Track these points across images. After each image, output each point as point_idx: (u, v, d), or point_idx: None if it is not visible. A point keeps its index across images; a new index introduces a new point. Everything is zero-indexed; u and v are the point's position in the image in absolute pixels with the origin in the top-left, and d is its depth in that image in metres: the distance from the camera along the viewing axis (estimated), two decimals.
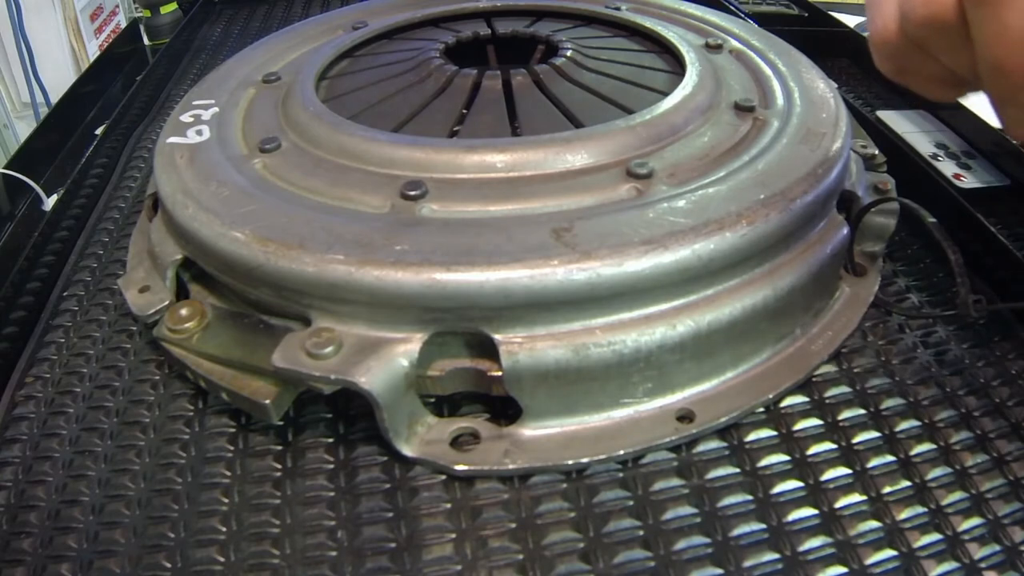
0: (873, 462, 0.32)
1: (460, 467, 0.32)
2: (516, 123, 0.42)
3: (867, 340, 0.38)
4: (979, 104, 0.56)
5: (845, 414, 0.35)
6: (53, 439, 0.35)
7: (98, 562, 0.30)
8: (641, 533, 0.30)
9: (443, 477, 0.32)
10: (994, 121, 0.54)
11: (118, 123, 0.63)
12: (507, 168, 0.36)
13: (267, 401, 0.32)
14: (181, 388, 0.38)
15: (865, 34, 0.35)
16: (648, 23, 0.52)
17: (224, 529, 0.31)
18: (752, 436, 0.34)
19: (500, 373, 0.31)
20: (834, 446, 0.33)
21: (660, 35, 0.50)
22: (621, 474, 0.32)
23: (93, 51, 1.54)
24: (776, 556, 0.29)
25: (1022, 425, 0.34)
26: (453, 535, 0.30)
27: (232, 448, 0.34)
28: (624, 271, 0.31)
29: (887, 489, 0.31)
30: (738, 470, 0.32)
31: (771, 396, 0.35)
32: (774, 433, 0.34)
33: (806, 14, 0.80)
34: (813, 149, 0.38)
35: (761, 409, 0.35)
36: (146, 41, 0.89)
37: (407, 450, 0.32)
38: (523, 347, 0.31)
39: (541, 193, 0.35)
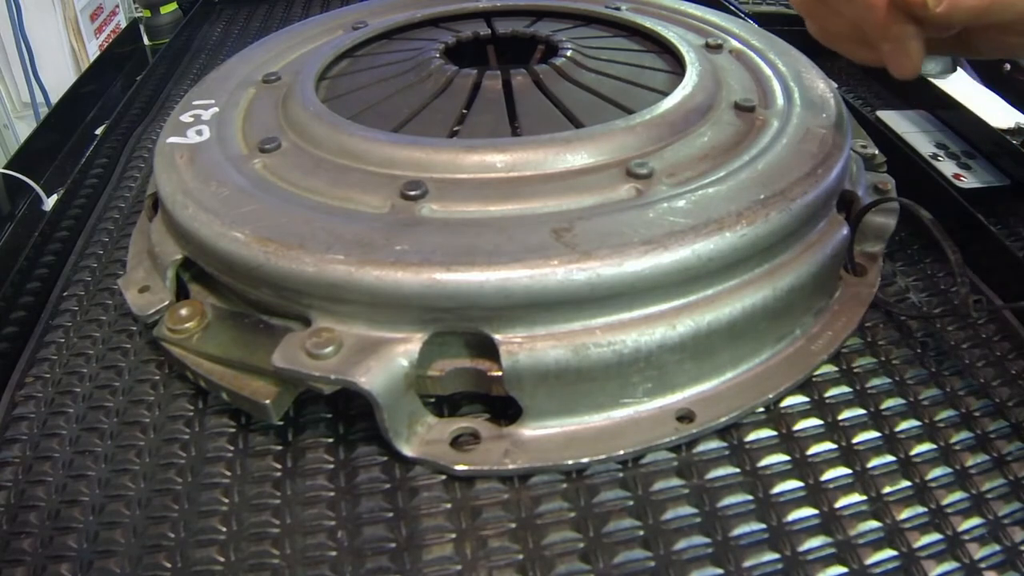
0: (873, 462, 0.32)
1: (460, 467, 0.32)
2: (516, 123, 0.42)
3: (867, 340, 0.38)
4: (979, 104, 0.56)
5: (845, 414, 0.35)
6: (53, 439, 0.35)
7: (98, 562, 0.30)
8: (641, 533, 0.30)
9: (443, 477, 0.32)
10: (994, 121, 0.54)
11: (118, 123, 0.63)
12: (507, 168, 0.36)
13: (267, 401, 0.32)
14: (181, 388, 0.38)
15: None
16: (648, 23, 0.52)
17: (224, 529, 0.31)
18: (752, 436, 0.34)
19: (500, 373, 0.31)
20: (834, 446, 0.33)
21: (660, 35, 0.50)
22: (621, 474, 0.32)
23: (93, 51, 1.54)
24: (776, 556, 0.29)
25: (1022, 425, 0.34)
26: (453, 535, 0.30)
27: (232, 448, 0.34)
28: (624, 271, 0.31)
29: (887, 489, 0.31)
30: (738, 470, 0.32)
31: (771, 396, 0.35)
32: (774, 433, 0.34)
33: None
34: (813, 149, 0.38)
35: (761, 409, 0.35)
36: (146, 41, 0.89)
37: (407, 450, 0.32)
38: (523, 347, 0.31)
39: (541, 193, 0.35)
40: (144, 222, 0.45)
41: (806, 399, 0.35)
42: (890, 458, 0.33)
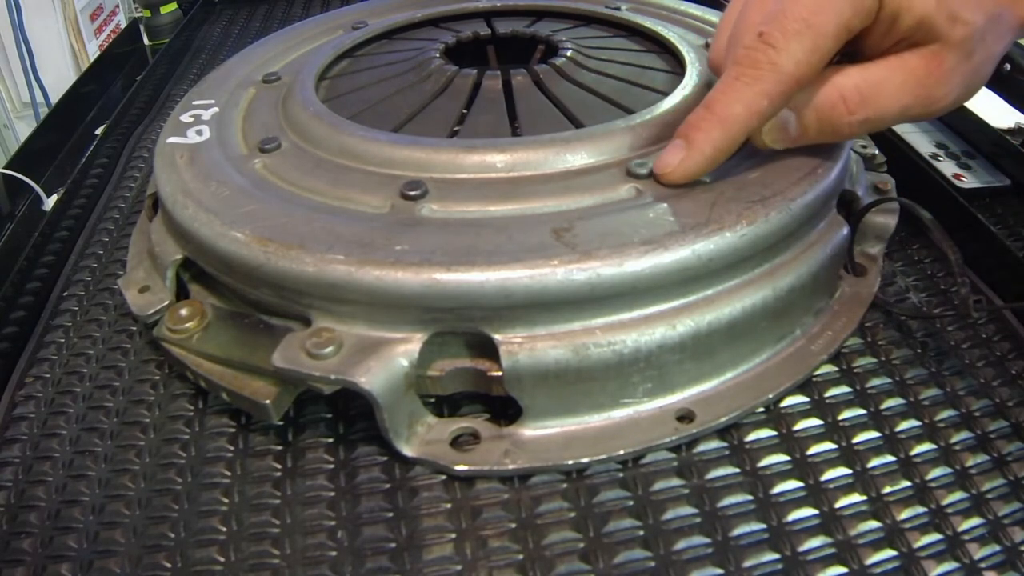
0: (873, 462, 0.32)
1: (460, 467, 0.32)
2: (516, 123, 0.42)
3: (867, 340, 0.38)
4: (979, 104, 0.56)
5: (845, 414, 0.35)
6: (53, 439, 0.35)
7: (98, 562, 0.30)
8: (641, 533, 0.30)
9: (443, 477, 0.32)
10: (994, 121, 0.54)
11: (118, 123, 0.63)
12: (507, 168, 0.36)
13: (267, 401, 0.32)
14: (181, 388, 0.38)
15: None
16: (648, 23, 0.52)
17: (224, 529, 0.31)
18: (752, 436, 0.34)
19: (500, 373, 0.31)
20: (834, 446, 0.33)
21: (660, 35, 0.50)
22: (621, 474, 0.32)
23: (93, 51, 1.54)
24: (776, 556, 0.29)
25: (1022, 425, 0.34)
26: (453, 535, 0.30)
27: (232, 448, 0.34)
28: (624, 271, 0.31)
29: (887, 489, 0.31)
30: (738, 470, 0.32)
31: (771, 396, 0.35)
32: (774, 433, 0.34)
33: None
34: (813, 149, 0.38)
35: (761, 409, 0.35)
36: (146, 41, 0.89)
37: (407, 450, 0.32)
38: (523, 347, 0.31)
39: (541, 193, 0.35)
40: (144, 222, 0.45)
41: (806, 399, 0.35)
42: (890, 458, 0.33)
